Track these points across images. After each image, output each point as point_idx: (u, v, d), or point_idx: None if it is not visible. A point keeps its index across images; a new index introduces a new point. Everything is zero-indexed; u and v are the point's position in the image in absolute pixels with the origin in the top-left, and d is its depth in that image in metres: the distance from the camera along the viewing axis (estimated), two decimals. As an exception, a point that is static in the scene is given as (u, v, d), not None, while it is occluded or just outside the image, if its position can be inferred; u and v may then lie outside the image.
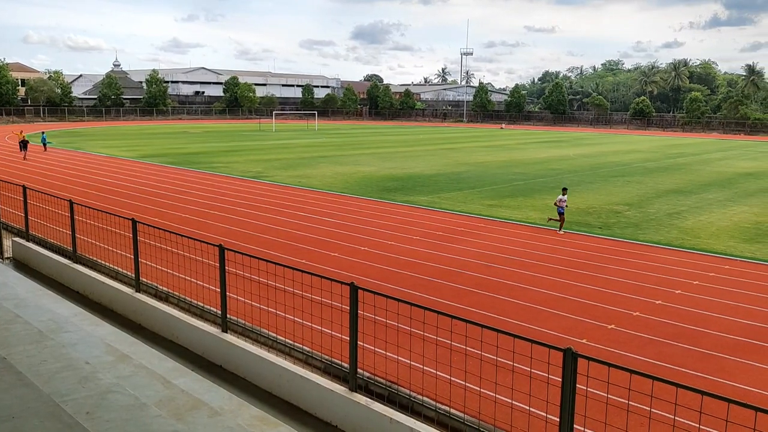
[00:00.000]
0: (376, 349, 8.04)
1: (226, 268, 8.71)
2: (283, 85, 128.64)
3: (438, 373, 7.25)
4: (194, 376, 7.57)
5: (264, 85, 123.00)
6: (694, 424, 4.97)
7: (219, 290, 8.80)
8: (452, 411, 6.65)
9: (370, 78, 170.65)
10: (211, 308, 9.96)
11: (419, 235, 16.90)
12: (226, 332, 8.89)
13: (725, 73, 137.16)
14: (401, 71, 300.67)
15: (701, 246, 16.22)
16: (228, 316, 8.92)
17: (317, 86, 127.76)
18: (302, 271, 7.66)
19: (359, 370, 7.22)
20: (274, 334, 8.77)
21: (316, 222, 18.46)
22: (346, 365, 7.25)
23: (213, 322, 9.51)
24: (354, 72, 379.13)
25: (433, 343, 7.15)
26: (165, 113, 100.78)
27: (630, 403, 5.50)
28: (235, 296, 9.78)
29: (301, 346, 8.55)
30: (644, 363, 8.70)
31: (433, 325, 6.30)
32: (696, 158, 44.26)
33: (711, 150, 53.29)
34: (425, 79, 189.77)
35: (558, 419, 5.19)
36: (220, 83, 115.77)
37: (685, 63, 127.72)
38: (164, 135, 61.66)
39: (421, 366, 7.46)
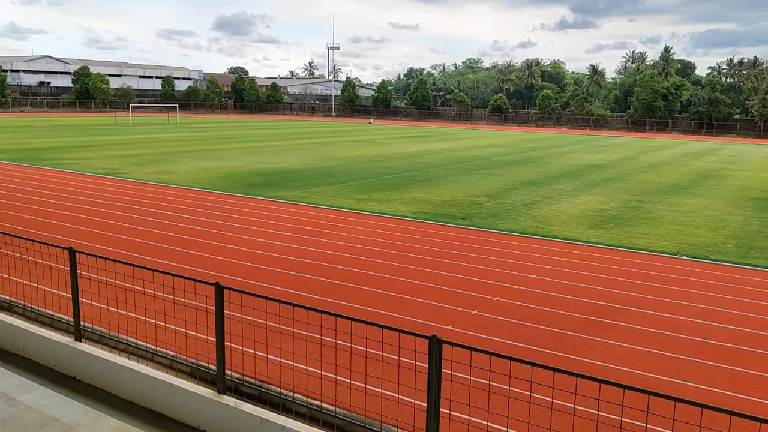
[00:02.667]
0: (244, 349, 7.84)
1: (79, 272, 8.07)
2: (140, 77, 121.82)
3: (308, 368, 7.20)
4: (44, 390, 6.97)
5: (119, 76, 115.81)
6: (547, 398, 5.32)
7: (71, 296, 8.14)
8: (324, 405, 6.65)
9: (234, 70, 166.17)
10: (63, 316, 9.19)
11: (288, 230, 16.71)
12: (80, 341, 8.24)
13: (572, 72, 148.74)
14: (267, 64, 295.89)
15: (553, 233, 17.46)
16: (82, 323, 8.28)
17: (178, 78, 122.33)
18: (163, 272, 7.27)
19: (228, 372, 6.99)
20: (135, 340, 8.27)
21: (179, 220, 17.66)
22: (213, 368, 6.99)
23: (65, 330, 8.79)
24: (217, 64, 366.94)
25: (303, 339, 7.09)
26: (4, 105, 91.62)
27: (491, 383, 5.78)
28: (90, 302, 9.10)
29: (164, 350, 8.12)
30: (505, 345, 9.21)
31: (302, 321, 6.24)
32: (548, 152, 47.57)
33: (561, 144, 57.53)
34: (292, 73, 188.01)
35: (426, 404, 5.34)
36: (69, 73, 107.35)
37: (538, 62, 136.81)
38: (4, 129, 56.07)
39: (292, 363, 7.37)
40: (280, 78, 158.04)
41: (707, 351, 9.25)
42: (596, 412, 5.07)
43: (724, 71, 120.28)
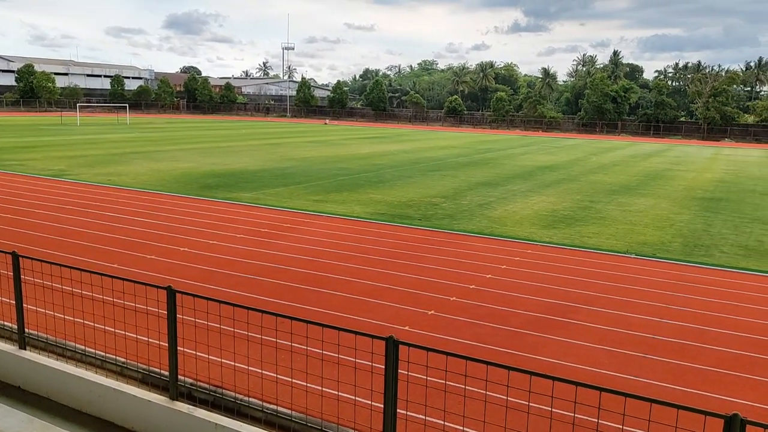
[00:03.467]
0: (198, 353, 7.68)
1: (23, 277, 7.76)
2: (88, 75, 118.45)
3: (264, 372, 7.10)
4: (-16, 402, 6.68)
5: (66, 74, 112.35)
6: (502, 397, 5.37)
7: (14, 303, 7.83)
8: (280, 409, 6.56)
9: (187, 70, 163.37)
10: (6, 323, 8.84)
11: (243, 232, 16.48)
12: (25, 348, 7.93)
13: (525, 75, 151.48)
14: (221, 64, 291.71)
15: (508, 233, 17.70)
16: (27, 330, 7.97)
17: (128, 77, 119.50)
18: (113, 277, 7.06)
19: (181, 378, 6.84)
20: (83, 347, 8.00)
21: (129, 223, 17.22)
22: (166, 373, 6.83)
23: (8, 338, 8.45)
24: (169, 63, 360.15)
25: (258, 342, 6.99)
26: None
27: (448, 383, 5.81)
28: (35, 308, 8.78)
29: (114, 357, 7.89)
30: (462, 344, 9.28)
31: (257, 324, 6.15)
32: (502, 153, 48.27)
33: (515, 146, 58.46)
34: (246, 73, 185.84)
35: (383, 406, 5.33)
36: (12, 71, 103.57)
37: (491, 65, 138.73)
38: (-57, 129, 53.73)
39: (247, 367, 7.26)
40: (234, 78, 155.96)
41: (656, 347, 9.52)
42: (550, 409, 5.14)
43: (670, 75, 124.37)
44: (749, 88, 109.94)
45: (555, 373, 7.43)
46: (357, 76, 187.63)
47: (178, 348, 6.63)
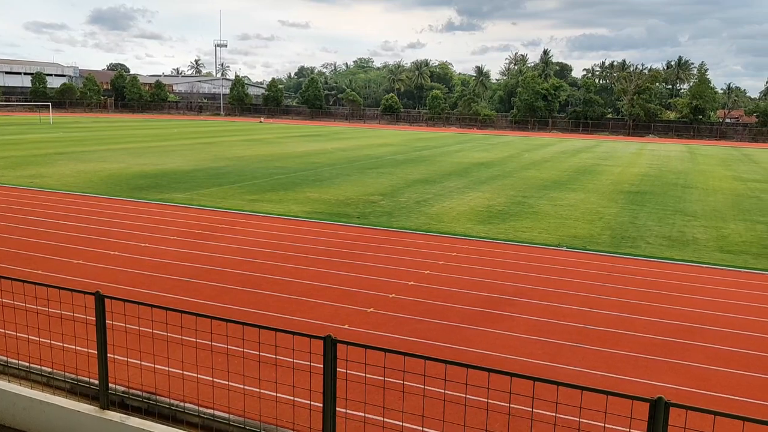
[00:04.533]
0: (130, 360, 7.43)
1: (-65, 286, 7.29)
2: (6, 73, 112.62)
3: (200, 376, 6.94)
4: None
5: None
6: (440, 390, 5.43)
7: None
8: (217, 413, 6.42)
9: (114, 67, 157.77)
10: None
11: (176, 234, 16.05)
12: (-61, 363, 7.47)
13: (460, 73, 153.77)
14: (150, 61, 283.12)
15: (445, 229, 17.93)
16: (-60, 343, 7.50)
17: (51, 75, 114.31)
18: (36, 284, 6.73)
19: (112, 386, 6.60)
20: (5, 358, 7.61)
21: (55, 227, 16.47)
22: (95, 382, 6.57)
23: None
24: (95, 60, 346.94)
25: (193, 346, 6.82)
26: None
27: (387, 380, 5.83)
28: (-50, 319, 8.26)
29: (39, 367, 7.53)
30: (401, 340, 9.34)
31: (191, 328, 6.00)
32: (438, 150, 48.86)
33: (451, 143, 59.28)
34: (177, 71, 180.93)
35: (322, 405, 5.29)
36: None
37: (426, 63, 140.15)
38: None
39: (181, 372, 7.07)
40: (165, 76, 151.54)
41: (588, 336, 9.85)
42: (486, 400, 5.24)
43: (598, 73, 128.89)
44: (671, 86, 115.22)
45: (491, 365, 7.58)
46: (292, 74, 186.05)
47: (109, 355, 6.40)
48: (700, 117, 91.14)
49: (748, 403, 7.75)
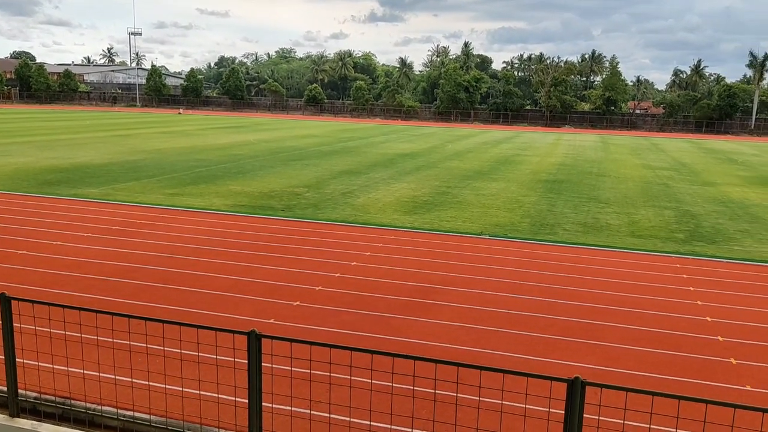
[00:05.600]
0: (41, 364, 7.03)
1: None
2: None
3: (118, 378, 6.67)
4: None
5: None
6: (367, 380, 5.45)
7: None
8: (137, 415, 6.20)
9: (18, 55, 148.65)
10: None
11: (92, 231, 15.33)
12: None
13: (383, 64, 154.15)
14: (58, 49, 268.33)
15: (371, 220, 17.99)
16: None
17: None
18: (-68, 287, 6.26)
19: (22, 392, 6.23)
20: None
21: (-44, 225, 15.39)
22: (3, 389, 6.19)
23: None
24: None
25: (110, 347, 6.53)
26: None
27: (313, 372, 5.79)
28: None
29: (-61, 377, 7.01)
30: (328, 333, 9.31)
31: (107, 328, 5.73)
32: (363, 142, 48.92)
33: (375, 134, 59.47)
34: (88, 59, 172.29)
35: (247, 401, 5.20)
36: None
37: (350, 54, 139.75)
38: None
39: (98, 374, 6.77)
40: (75, 65, 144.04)
41: (511, 321, 10.15)
42: (412, 388, 5.30)
43: (516, 66, 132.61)
44: (585, 78, 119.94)
45: (418, 353, 7.67)
46: (212, 64, 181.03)
47: (18, 360, 6.04)
48: (612, 108, 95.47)
49: (656, 378, 8.21)
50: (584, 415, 4.37)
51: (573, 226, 18.20)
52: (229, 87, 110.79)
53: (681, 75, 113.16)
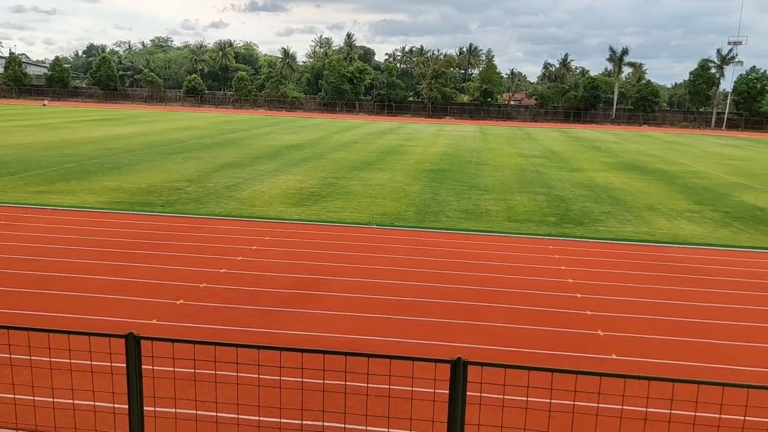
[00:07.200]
0: None
1: None
2: None
3: (-21, 393, 6.10)
4: None
5: None
6: (254, 376, 5.36)
7: None
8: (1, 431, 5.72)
9: None
10: None
11: (-57, 234, 13.89)
12: None
13: (266, 54, 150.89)
14: None
15: (257, 213, 17.65)
16: None
17: None
18: None
19: None
20: None
21: None
22: None
23: None
24: None
25: (-32, 360, 5.97)
26: None
27: (198, 371, 5.61)
28: None
29: None
30: (213, 330, 9.04)
31: (-38, 339, 5.24)
32: (247, 133, 47.80)
33: (260, 125, 58.28)
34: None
35: (127, 407, 4.94)
36: None
37: (231, 44, 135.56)
38: None
39: (-45, 391, 6.17)
40: None
41: (399, 307, 10.35)
42: (301, 380, 5.28)
43: (399, 58, 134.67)
44: (463, 71, 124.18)
45: (306, 345, 7.66)
46: (80, 53, 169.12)
47: None
48: (489, 99, 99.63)
49: (534, 353, 8.71)
50: (467, 393, 4.55)
51: (455, 213, 18.85)
52: (100, 77, 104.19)
53: (550, 68, 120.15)
